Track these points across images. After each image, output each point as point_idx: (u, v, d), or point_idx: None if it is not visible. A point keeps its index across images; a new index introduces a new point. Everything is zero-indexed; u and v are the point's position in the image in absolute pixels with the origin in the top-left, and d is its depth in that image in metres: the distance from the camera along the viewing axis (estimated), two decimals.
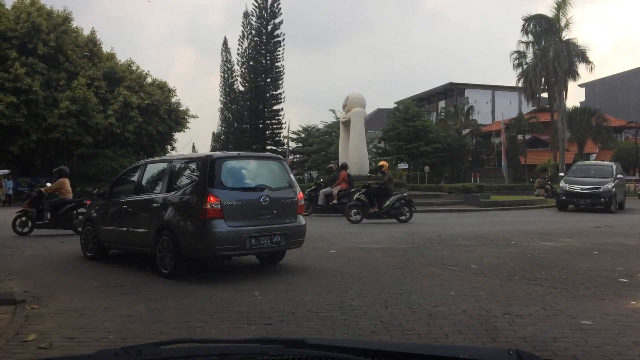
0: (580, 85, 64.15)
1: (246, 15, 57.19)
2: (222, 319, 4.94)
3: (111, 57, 35.88)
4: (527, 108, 57.32)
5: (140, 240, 7.55)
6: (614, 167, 20.90)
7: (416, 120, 48.52)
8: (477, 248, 9.56)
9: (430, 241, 10.59)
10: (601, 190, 18.83)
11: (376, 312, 5.12)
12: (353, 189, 17.09)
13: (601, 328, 4.50)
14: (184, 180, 7.52)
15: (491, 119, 65.49)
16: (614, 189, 18.92)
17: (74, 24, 34.28)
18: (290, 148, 58.89)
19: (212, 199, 6.69)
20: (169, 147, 41.03)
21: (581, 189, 19.28)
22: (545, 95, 47.11)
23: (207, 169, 6.92)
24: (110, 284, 6.62)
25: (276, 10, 55.41)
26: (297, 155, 63.36)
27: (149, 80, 36.56)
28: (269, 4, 55.36)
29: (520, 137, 51.19)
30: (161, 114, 35.11)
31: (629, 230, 12.72)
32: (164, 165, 7.90)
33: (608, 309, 5.13)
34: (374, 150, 52.99)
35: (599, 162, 25.34)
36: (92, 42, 35.10)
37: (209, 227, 6.68)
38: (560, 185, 20.65)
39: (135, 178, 8.32)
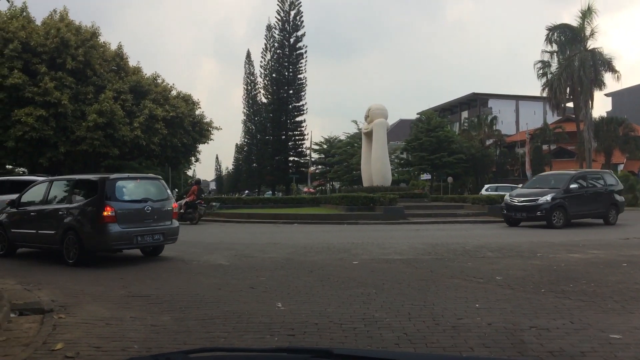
0: (607, 95, 63.02)
1: (269, 28, 57.95)
2: (245, 329, 4.96)
3: (137, 70, 36.55)
4: (552, 118, 56.48)
5: (49, 239, 9.66)
6: (572, 176, 18.34)
7: (439, 130, 48.28)
8: (502, 260, 9.43)
9: (454, 252, 10.49)
10: (539, 202, 17.01)
11: (399, 323, 5.08)
12: (198, 201, 20.67)
13: (631, 342, 4.39)
14: (85, 195, 9.63)
15: (515, 129, 64.80)
16: (557, 201, 16.88)
17: (102, 39, 35.03)
18: (313, 159, 59.12)
19: (108, 208, 9.01)
20: (192, 158, 41.49)
21: (518, 202, 17.62)
22: (570, 105, 46.41)
23: (105, 187, 9.23)
24: (135, 294, 6.70)
25: (298, 23, 55.97)
26: (320, 166, 63.51)
27: (173, 93, 37.11)
28: (291, 17, 55.95)
29: (545, 147, 50.48)
30: (185, 126, 35.57)
31: None
32: (68, 182, 10.15)
33: (638, 323, 5.00)
34: (396, 161, 52.86)
35: (563, 171, 21.69)
36: (119, 57, 35.81)
37: (107, 229, 9.01)
38: (505, 197, 18.85)
39: (42, 191, 10.26)
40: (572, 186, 17.55)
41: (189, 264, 9.34)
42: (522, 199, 17.71)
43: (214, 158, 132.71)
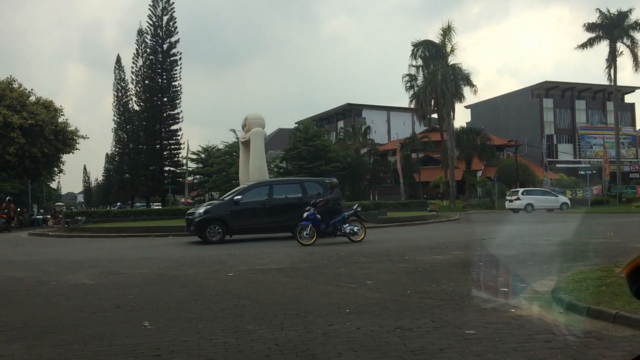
0: (466, 107, 68.86)
1: (140, 33, 55.48)
2: (107, 353, 4.62)
3: None
4: (419, 128, 60.42)
5: None
6: (247, 187, 17.32)
7: (316, 140, 49.41)
8: (374, 264, 9.81)
9: (329, 259, 10.72)
10: (194, 215, 16.19)
11: (272, 334, 5.05)
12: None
13: (483, 337, 4.75)
14: None
15: (387, 138, 68.27)
16: (212, 214, 15.86)
17: None
18: (190, 168, 57.47)
19: None
20: (56, 169, 38.42)
21: (187, 214, 17.03)
22: (435, 116, 50.00)
23: None
24: None
25: (172, 29, 54.25)
26: (197, 176, 61.91)
27: (32, 98, 34.13)
28: (164, 22, 54.09)
29: (414, 155, 53.72)
30: (47, 135, 32.81)
31: (509, 242, 13.69)
32: None
33: (490, 318, 5.43)
34: (275, 170, 53.10)
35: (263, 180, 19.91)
36: None
37: None
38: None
39: None
40: (237, 197, 16.26)
41: (46, 285, 8.55)
42: (190, 211, 17.22)
43: (81, 169, 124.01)
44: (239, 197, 16.38)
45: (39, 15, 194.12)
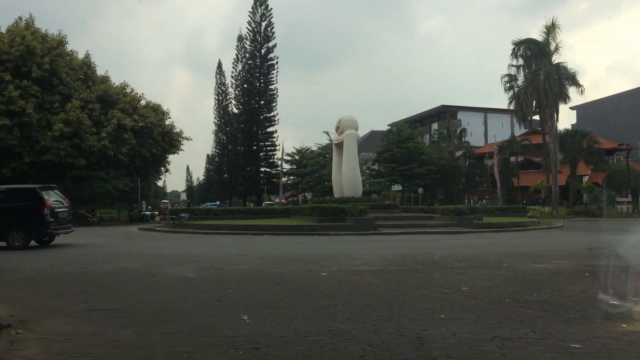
0: (572, 108, 64.84)
1: (240, 39, 57.77)
2: (209, 343, 4.88)
3: (105, 79, 36.05)
4: (519, 130, 57.82)
5: None
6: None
7: (409, 142, 48.77)
8: (469, 270, 9.53)
9: (422, 263, 10.56)
10: None
11: (365, 335, 5.07)
12: None
13: (591, 352, 4.47)
14: None
15: (484, 141, 65.97)
16: None
17: (69, 47, 34.60)
18: (284, 170, 59.00)
19: None
20: (162, 169, 40.97)
21: None
22: (536, 117, 47.55)
23: None
24: (97, 308, 6.54)
25: (270, 34, 55.98)
26: (292, 177, 63.37)
27: (143, 102, 36.68)
28: (262, 28, 55.95)
29: (512, 159, 51.40)
30: (155, 136, 35.14)
31: (620, 252, 12.71)
32: None
33: (598, 332, 5.10)
34: (367, 172, 53.11)
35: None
36: (86, 65, 35.28)
37: None
38: None
39: None
40: None
41: (155, 277, 9.17)
42: None
43: (184, 169, 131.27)
44: None
45: (147, 23, 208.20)
